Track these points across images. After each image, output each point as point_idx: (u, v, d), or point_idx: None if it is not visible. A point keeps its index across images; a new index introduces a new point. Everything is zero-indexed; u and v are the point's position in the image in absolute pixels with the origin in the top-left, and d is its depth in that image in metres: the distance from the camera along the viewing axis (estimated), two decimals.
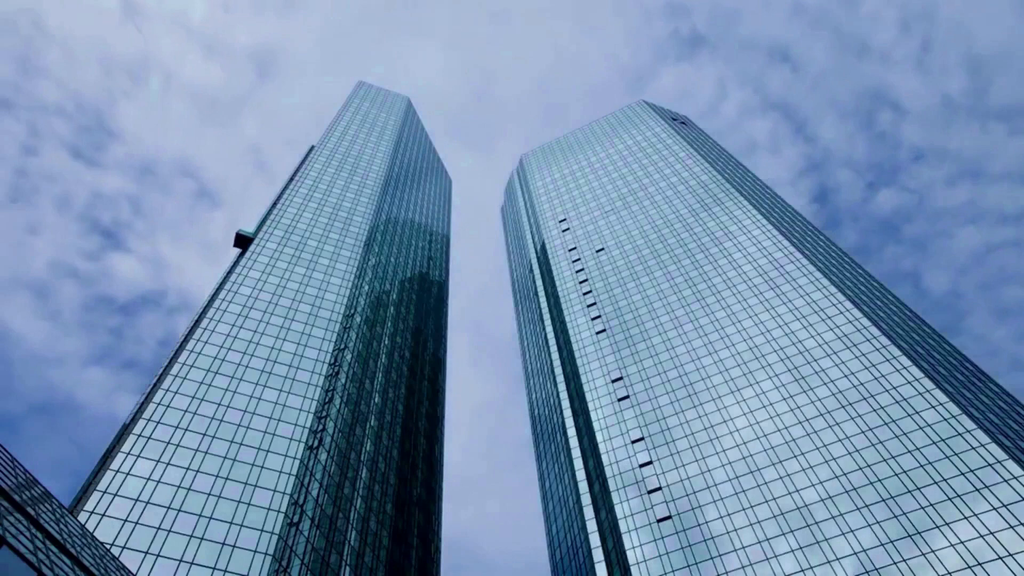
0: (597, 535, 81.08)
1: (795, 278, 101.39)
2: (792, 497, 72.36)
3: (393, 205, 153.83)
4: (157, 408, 72.65)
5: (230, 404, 76.93)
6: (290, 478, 70.76)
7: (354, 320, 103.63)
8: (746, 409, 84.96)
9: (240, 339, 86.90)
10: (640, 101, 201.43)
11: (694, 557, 71.34)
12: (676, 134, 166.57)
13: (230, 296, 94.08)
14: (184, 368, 79.15)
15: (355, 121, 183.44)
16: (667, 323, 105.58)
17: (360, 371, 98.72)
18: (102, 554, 37.30)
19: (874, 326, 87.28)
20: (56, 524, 31.89)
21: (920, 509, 65.03)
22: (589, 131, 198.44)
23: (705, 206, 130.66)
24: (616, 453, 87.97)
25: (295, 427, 77.40)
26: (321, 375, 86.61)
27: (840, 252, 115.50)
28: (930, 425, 71.97)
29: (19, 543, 24.35)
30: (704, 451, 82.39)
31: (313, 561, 67.08)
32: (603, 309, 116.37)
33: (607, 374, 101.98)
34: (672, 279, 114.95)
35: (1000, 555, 58.41)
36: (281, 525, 65.33)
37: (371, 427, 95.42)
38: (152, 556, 57.92)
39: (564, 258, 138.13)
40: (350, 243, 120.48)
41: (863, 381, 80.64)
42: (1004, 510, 61.51)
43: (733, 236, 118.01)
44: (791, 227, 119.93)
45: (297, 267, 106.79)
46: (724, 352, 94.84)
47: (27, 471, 34.89)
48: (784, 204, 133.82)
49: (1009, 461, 65.13)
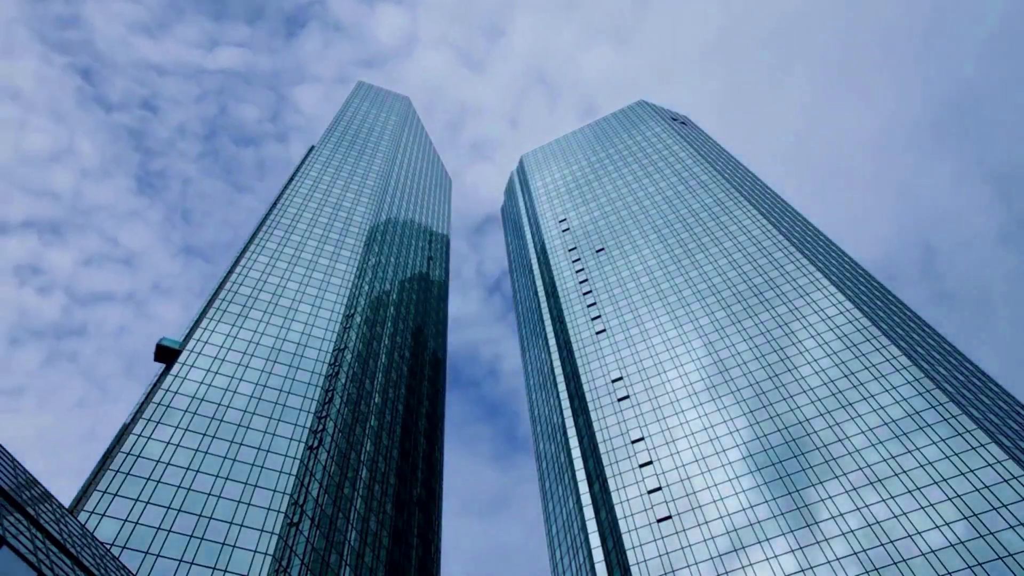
0: (597, 535, 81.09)
1: (795, 278, 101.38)
2: (792, 497, 72.37)
3: (393, 205, 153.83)
4: (157, 408, 72.65)
5: (230, 404, 76.92)
6: (290, 478, 70.77)
7: (354, 320, 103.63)
8: (746, 409, 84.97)
9: (240, 339, 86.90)
10: (640, 101, 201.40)
11: (694, 557, 71.34)
12: (676, 134, 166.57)
13: (230, 296, 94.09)
14: (184, 368, 79.15)
15: (355, 121, 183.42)
16: (667, 323, 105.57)
17: (360, 371, 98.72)
18: (102, 554, 37.30)
19: (874, 326, 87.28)
20: (56, 524, 31.90)
21: (920, 509, 65.05)
22: (589, 131, 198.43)
23: (705, 206, 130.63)
24: (616, 453, 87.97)
25: (295, 427, 77.41)
26: (321, 375, 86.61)
27: (840, 252, 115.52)
28: (930, 425, 71.98)
29: (19, 543, 24.35)
30: (704, 451, 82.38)
31: (313, 561, 67.09)
32: (603, 309, 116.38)
33: (607, 374, 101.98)
34: (672, 279, 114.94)
35: (1000, 555, 58.43)
36: (281, 525, 65.33)
37: (371, 427, 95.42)
38: (152, 556, 57.93)
39: (564, 258, 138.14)
40: (350, 243, 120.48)
41: (863, 381, 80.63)
42: (1004, 510, 61.53)
43: (733, 236, 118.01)
44: (791, 227, 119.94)
45: (297, 267, 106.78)
46: (724, 352, 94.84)
47: (27, 471, 34.90)
48: (784, 204, 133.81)
49: (1009, 461, 65.15)
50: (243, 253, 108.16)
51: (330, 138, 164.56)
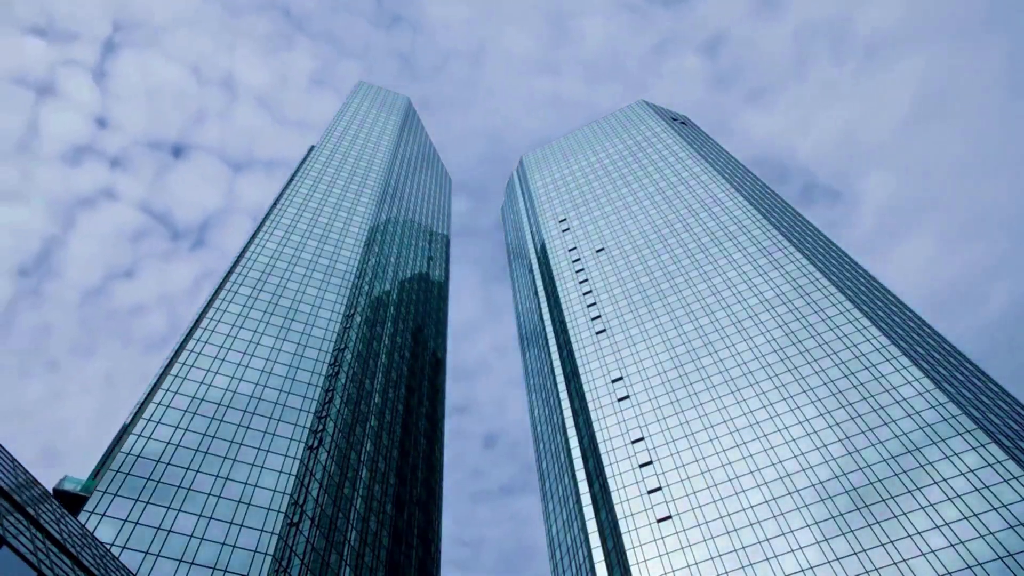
0: (597, 535, 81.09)
1: (795, 278, 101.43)
2: (792, 497, 72.37)
3: (393, 205, 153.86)
4: (157, 408, 72.70)
5: (230, 404, 76.96)
6: (290, 478, 70.79)
7: (354, 320, 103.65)
8: (746, 409, 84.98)
9: (240, 339, 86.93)
10: (640, 101, 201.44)
11: (694, 557, 71.35)
12: (676, 134, 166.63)
13: (230, 296, 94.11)
14: (184, 368, 79.19)
15: (355, 121, 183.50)
16: (667, 323, 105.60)
17: (360, 371, 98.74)
18: (102, 554, 37.31)
19: (874, 326, 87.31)
20: (56, 524, 31.91)
21: (920, 509, 65.05)
22: (589, 131, 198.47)
23: (705, 206, 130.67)
24: (616, 453, 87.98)
25: (295, 427, 77.43)
26: (321, 375, 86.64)
27: (840, 252, 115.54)
28: (930, 425, 72.00)
29: (19, 543, 24.36)
30: (704, 451, 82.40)
31: (313, 561, 67.10)
32: (603, 309, 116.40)
33: (607, 374, 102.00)
34: (672, 279, 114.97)
35: (1000, 555, 58.44)
36: (281, 525, 65.36)
37: (371, 427, 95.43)
38: (152, 556, 57.95)
39: (564, 258, 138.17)
40: (350, 243, 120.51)
41: (863, 381, 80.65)
42: (1004, 510, 61.54)
43: (733, 236, 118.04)
44: (790, 227, 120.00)
45: (297, 267, 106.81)
46: (724, 352, 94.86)
47: (27, 471, 34.91)
48: (784, 204, 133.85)
49: (1009, 461, 65.16)
50: (243, 253, 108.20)
51: (330, 138, 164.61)
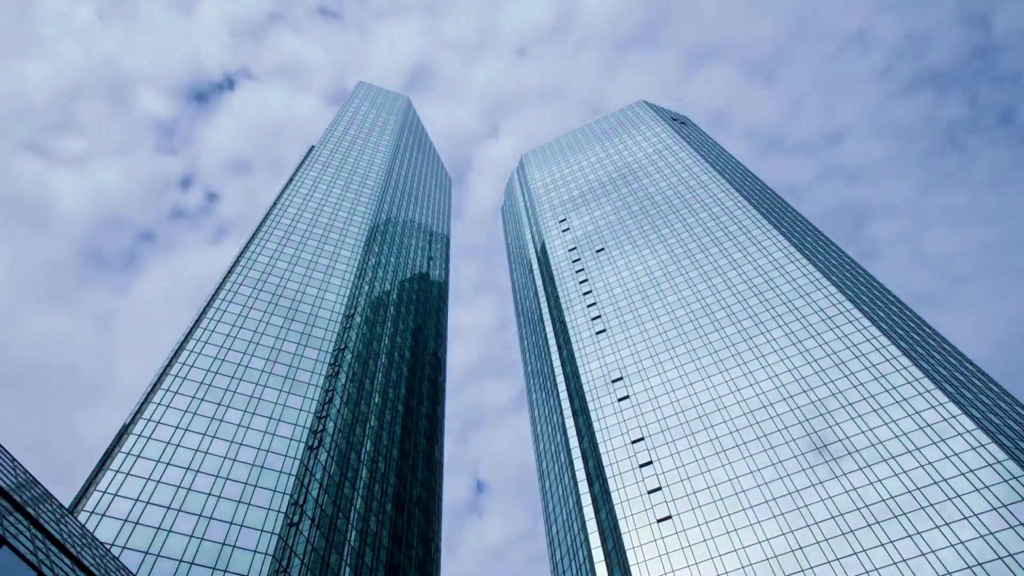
0: (597, 535, 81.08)
1: (795, 278, 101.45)
2: (792, 497, 72.36)
3: (393, 205, 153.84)
4: (157, 408, 72.68)
5: (230, 404, 76.94)
6: (290, 478, 70.78)
7: (354, 320, 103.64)
8: (746, 409, 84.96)
9: (240, 339, 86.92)
10: (640, 101, 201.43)
11: (694, 557, 71.33)
12: (676, 134, 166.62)
13: (230, 296, 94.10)
14: (184, 368, 79.17)
15: (355, 121, 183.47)
16: (667, 323, 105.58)
17: (360, 371, 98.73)
18: (102, 554, 37.30)
19: (874, 326, 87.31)
20: (56, 524, 31.89)
21: (920, 509, 65.04)
22: (589, 131, 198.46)
23: (705, 206, 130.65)
24: (616, 453, 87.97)
25: (295, 427, 77.42)
26: (321, 375, 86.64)
27: (839, 252, 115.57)
28: (930, 425, 71.99)
29: (19, 543, 24.35)
30: (704, 451, 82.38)
31: (313, 561, 67.09)
32: (603, 309, 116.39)
33: (607, 374, 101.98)
34: (672, 279, 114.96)
35: (1000, 555, 58.43)
36: (281, 525, 65.35)
37: (371, 427, 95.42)
38: (152, 556, 57.93)
39: (564, 258, 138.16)
40: (350, 243, 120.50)
41: (863, 381, 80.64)
42: (1004, 510, 61.52)
43: (733, 236, 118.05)
44: (791, 228, 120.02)
45: (297, 267, 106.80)
46: (724, 352, 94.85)
47: (27, 471, 34.89)
48: (784, 204, 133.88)
49: (1009, 461, 65.15)
50: (243, 253, 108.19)
51: (330, 138, 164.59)
